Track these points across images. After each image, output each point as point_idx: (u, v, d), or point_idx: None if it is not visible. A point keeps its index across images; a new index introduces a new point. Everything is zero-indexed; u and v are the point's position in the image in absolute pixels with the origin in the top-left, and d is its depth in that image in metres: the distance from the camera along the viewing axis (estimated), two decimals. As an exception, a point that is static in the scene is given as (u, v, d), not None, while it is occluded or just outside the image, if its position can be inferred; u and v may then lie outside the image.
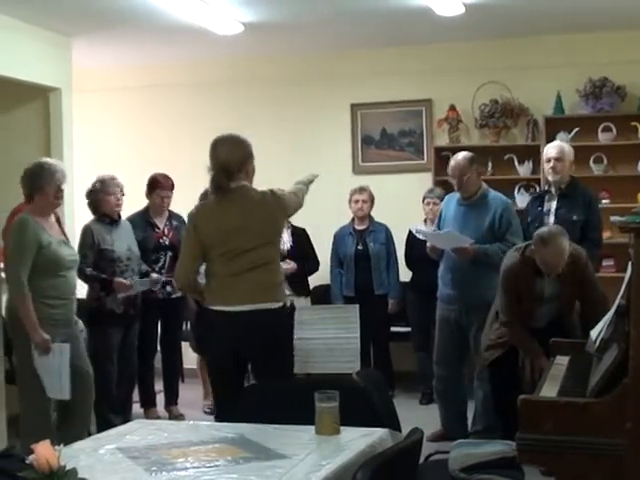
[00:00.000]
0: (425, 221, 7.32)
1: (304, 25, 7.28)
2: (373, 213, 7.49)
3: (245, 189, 4.45)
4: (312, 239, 7.35)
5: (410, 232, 7.34)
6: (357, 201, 7.41)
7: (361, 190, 7.42)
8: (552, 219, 6.03)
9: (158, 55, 8.20)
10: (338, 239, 7.50)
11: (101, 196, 6.03)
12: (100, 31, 7.24)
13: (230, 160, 4.43)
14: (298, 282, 7.23)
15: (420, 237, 6.63)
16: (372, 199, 7.43)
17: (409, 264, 7.40)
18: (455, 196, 6.04)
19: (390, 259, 7.40)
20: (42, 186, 5.09)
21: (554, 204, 6.07)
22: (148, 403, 6.75)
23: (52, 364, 5.02)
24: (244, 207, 4.37)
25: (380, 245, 7.37)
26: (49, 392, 5.05)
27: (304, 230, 7.35)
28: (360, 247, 7.38)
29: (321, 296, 7.45)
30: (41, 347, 5.01)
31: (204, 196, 6.95)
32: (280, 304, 4.38)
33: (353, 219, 7.51)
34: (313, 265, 7.28)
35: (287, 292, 7.10)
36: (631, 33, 7.44)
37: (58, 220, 5.46)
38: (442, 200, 7.26)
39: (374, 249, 7.35)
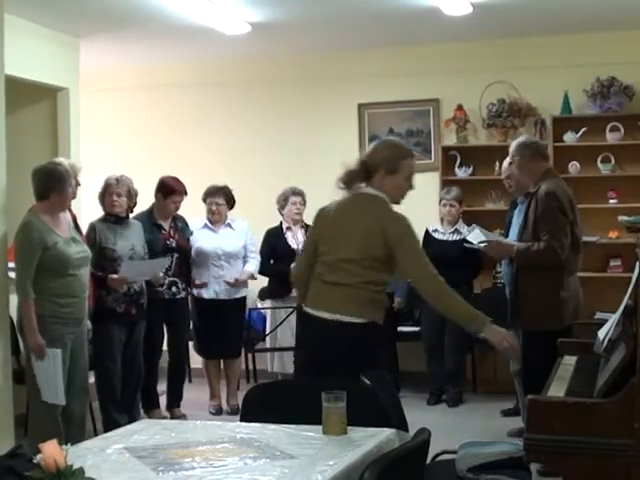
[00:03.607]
0: (442, 221, 7.28)
1: (311, 25, 7.28)
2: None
3: (376, 200, 4.18)
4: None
5: (427, 231, 7.28)
6: None
7: None
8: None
9: (165, 55, 8.21)
10: None
11: (102, 198, 6.15)
12: (108, 31, 7.26)
13: (370, 159, 4.20)
14: None
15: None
16: None
17: None
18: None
19: None
20: (49, 188, 5.15)
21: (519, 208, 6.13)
22: (150, 404, 6.72)
23: (47, 369, 5.04)
24: (358, 215, 4.16)
25: None
26: (44, 396, 5.07)
27: None
28: None
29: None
30: (35, 352, 5.04)
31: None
32: (361, 320, 4.07)
33: None
34: None
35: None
36: (639, 33, 7.42)
37: (75, 219, 5.51)
38: (459, 202, 7.21)
39: None
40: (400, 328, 7.57)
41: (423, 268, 4.08)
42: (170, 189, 6.68)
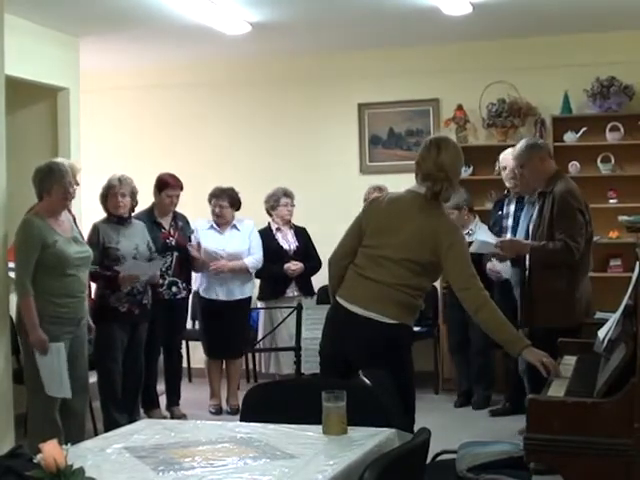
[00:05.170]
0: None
1: (311, 25, 7.28)
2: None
3: (434, 205, 4.12)
4: (318, 239, 7.35)
5: None
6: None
7: (377, 189, 7.37)
8: (510, 222, 6.11)
9: (165, 55, 8.21)
10: None
11: (107, 197, 6.13)
12: (108, 32, 7.26)
13: (455, 168, 4.15)
14: (304, 282, 7.25)
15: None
16: None
17: None
18: None
19: None
20: (50, 188, 5.18)
21: (512, 207, 6.18)
22: (150, 404, 6.73)
23: (51, 364, 5.05)
24: (414, 216, 4.10)
25: None
26: (48, 390, 5.08)
27: (304, 229, 7.37)
28: None
29: (328, 296, 7.37)
30: (38, 347, 5.06)
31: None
32: (394, 321, 4.05)
33: None
34: (315, 264, 7.27)
35: (295, 293, 7.16)
36: (639, 32, 7.43)
37: (74, 219, 5.51)
38: (459, 208, 7.14)
39: None
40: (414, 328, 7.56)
41: (468, 278, 4.04)
42: (163, 182, 6.72)
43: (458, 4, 6.62)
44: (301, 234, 7.39)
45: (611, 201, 7.42)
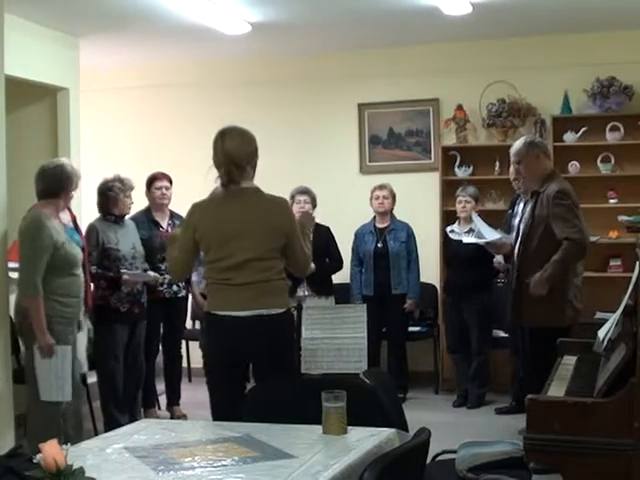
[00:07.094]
0: (458, 220, 7.24)
1: (311, 25, 7.28)
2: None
3: (258, 193, 4.35)
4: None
5: (445, 233, 7.30)
6: (378, 197, 7.38)
7: (381, 187, 7.39)
8: (517, 221, 6.15)
9: (165, 55, 8.21)
10: (359, 237, 7.46)
11: (120, 196, 6.06)
12: (108, 31, 7.26)
13: (240, 154, 4.33)
14: (319, 281, 7.14)
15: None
16: (393, 196, 7.39)
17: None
18: None
19: (410, 258, 7.33)
20: (68, 186, 5.19)
21: (521, 205, 6.22)
22: (148, 403, 6.73)
23: (54, 366, 5.04)
24: (253, 211, 4.23)
25: (400, 244, 7.30)
26: (43, 395, 5.07)
27: (328, 228, 7.30)
28: (380, 245, 7.31)
29: (342, 295, 7.34)
30: (45, 350, 5.04)
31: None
32: (281, 310, 4.20)
33: (374, 217, 7.47)
34: (335, 264, 7.23)
35: (306, 292, 7.11)
36: (639, 32, 7.42)
37: (74, 219, 5.52)
38: (475, 199, 7.19)
39: (393, 247, 7.28)
40: (418, 328, 7.61)
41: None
42: (150, 177, 6.77)
43: (458, 4, 6.62)
44: (320, 233, 7.30)
45: (611, 201, 7.43)
